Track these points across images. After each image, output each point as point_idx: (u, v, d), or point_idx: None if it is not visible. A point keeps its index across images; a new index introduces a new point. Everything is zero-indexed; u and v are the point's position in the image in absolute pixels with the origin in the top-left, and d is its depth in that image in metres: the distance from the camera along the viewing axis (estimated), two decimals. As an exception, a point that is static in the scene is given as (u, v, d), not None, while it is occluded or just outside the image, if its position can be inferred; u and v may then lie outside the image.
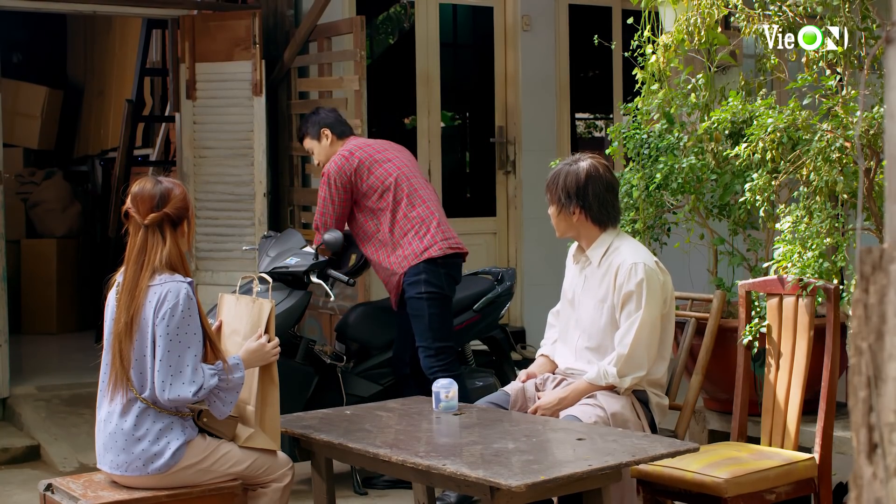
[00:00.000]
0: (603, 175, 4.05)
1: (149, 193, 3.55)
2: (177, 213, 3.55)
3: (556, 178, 4.08)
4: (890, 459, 1.19)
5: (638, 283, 3.92)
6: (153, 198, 3.54)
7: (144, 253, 3.51)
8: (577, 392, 3.97)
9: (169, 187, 3.58)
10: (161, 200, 3.54)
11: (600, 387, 3.95)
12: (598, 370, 3.96)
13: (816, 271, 4.05)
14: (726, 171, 4.79)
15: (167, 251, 3.51)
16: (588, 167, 4.04)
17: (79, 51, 11.47)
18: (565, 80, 8.23)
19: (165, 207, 3.53)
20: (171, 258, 3.52)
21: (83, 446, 5.91)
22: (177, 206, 3.55)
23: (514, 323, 7.83)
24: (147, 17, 8.99)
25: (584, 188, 4.01)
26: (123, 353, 3.47)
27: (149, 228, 3.52)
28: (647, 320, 3.91)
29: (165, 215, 3.52)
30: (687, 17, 4.79)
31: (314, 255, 5.23)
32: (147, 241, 3.52)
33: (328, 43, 6.98)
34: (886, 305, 1.21)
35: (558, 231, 4.16)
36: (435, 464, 3.22)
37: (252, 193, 7.05)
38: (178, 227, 3.57)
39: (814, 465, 3.93)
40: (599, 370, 3.95)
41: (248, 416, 3.68)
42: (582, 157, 4.11)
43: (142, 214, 3.53)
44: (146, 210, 3.53)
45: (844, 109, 4.29)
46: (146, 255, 3.51)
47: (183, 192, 3.61)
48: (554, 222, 4.13)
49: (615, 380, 3.93)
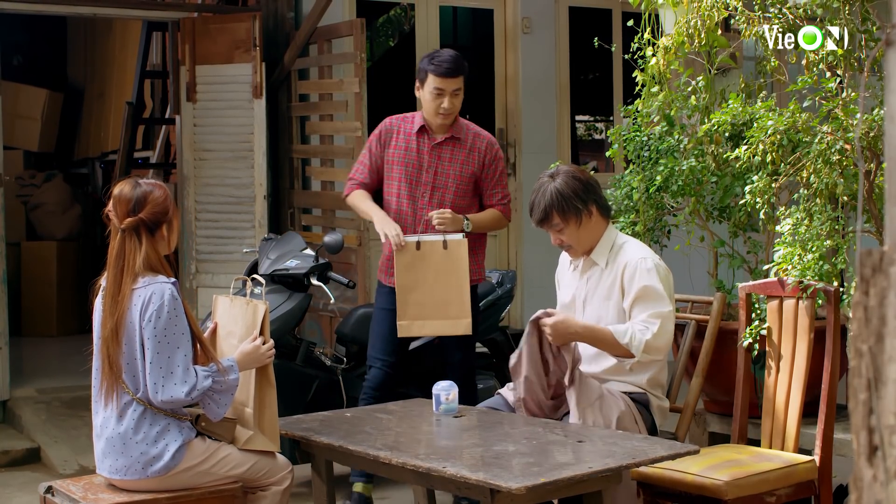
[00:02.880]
0: (584, 171, 4.17)
1: (126, 197, 3.52)
2: (153, 218, 3.52)
3: (556, 196, 3.99)
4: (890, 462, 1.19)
5: (652, 277, 3.91)
6: (129, 201, 3.52)
7: (123, 257, 3.50)
8: (595, 335, 3.89)
9: (147, 191, 3.55)
10: (137, 205, 3.51)
11: (619, 344, 3.85)
12: (627, 327, 3.87)
13: (817, 273, 4.05)
14: (726, 174, 4.79)
15: (143, 256, 3.49)
16: (570, 169, 4.11)
17: (79, 53, 11.48)
18: (565, 83, 8.23)
19: (141, 212, 3.51)
20: (150, 262, 3.50)
21: (83, 449, 5.91)
22: (153, 210, 3.52)
23: (515, 325, 7.82)
24: (147, 20, 8.99)
25: (587, 184, 4.05)
26: (112, 358, 3.46)
27: (125, 232, 3.51)
28: (670, 312, 3.91)
29: (140, 220, 3.50)
30: (687, 20, 4.79)
31: (314, 257, 5.23)
32: (125, 246, 3.51)
33: (328, 45, 6.99)
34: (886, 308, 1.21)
35: (581, 248, 4.06)
36: (435, 466, 3.22)
37: (252, 196, 7.05)
38: (155, 232, 3.54)
39: (814, 468, 3.93)
40: (629, 328, 3.86)
41: (246, 418, 3.68)
42: (553, 170, 4.12)
43: (119, 218, 3.52)
44: (123, 214, 3.51)
45: (844, 112, 4.29)
46: (124, 259, 3.50)
47: (163, 196, 3.57)
48: (575, 240, 4.04)
49: (637, 348, 3.85)
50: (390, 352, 4.91)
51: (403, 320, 4.71)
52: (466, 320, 4.72)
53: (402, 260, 4.66)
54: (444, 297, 4.69)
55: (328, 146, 7.08)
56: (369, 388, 4.90)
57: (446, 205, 4.84)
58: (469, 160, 4.90)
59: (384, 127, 4.95)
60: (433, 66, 4.79)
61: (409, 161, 4.88)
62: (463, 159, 4.89)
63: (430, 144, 4.88)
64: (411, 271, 4.67)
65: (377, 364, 4.92)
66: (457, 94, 4.82)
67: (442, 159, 4.87)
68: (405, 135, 4.90)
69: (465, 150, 4.90)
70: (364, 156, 4.99)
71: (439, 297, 4.69)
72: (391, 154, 4.90)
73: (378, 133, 4.95)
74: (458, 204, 4.87)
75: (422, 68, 4.85)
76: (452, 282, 4.69)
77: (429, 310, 4.69)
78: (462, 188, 4.89)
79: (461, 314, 4.71)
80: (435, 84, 4.78)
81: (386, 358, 4.91)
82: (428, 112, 4.85)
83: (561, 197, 3.99)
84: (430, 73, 4.79)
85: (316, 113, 7.20)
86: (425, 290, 4.68)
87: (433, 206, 4.82)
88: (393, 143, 4.91)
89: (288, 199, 7.35)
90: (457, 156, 4.89)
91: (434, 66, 4.79)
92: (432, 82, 4.79)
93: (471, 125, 5.02)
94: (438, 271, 4.68)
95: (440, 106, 4.79)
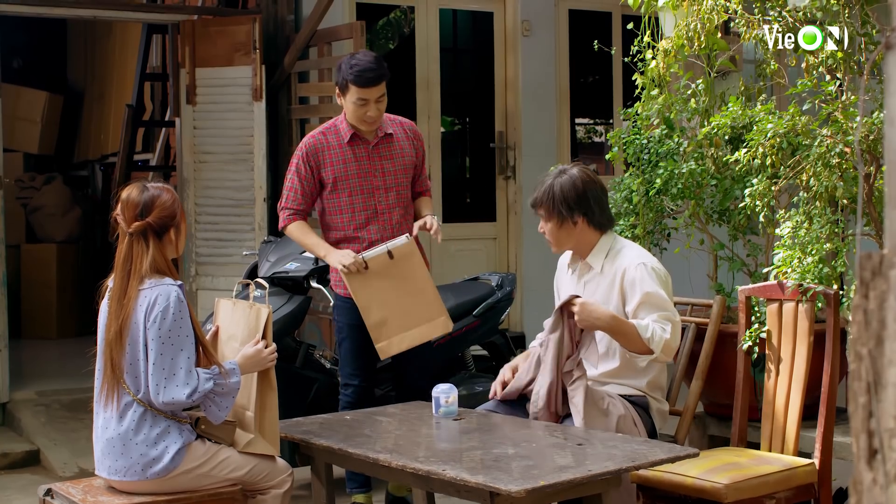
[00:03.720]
0: (595, 180, 4.06)
1: (134, 201, 3.54)
2: (160, 223, 3.53)
3: (549, 192, 4.01)
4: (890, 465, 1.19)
5: (654, 282, 3.89)
6: (137, 205, 3.53)
7: (130, 261, 3.51)
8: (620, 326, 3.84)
9: (155, 195, 3.56)
10: (144, 209, 3.53)
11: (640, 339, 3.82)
12: (649, 323, 3.83)
13: (816, 277, 4.05)
14: (726, 177, 4.79)
15: (150, 260, 3.50)
16: (580, 174, 4.03)
17: (79, 56, 11.48)
18: (565, 86, 8.23)
19: (149, 216, 3.52)
20: (157, 266, 3.51)
21: (83, 451, 5.91)
22: (161, 214, 3.54)
23: (514, 328, 7.83)
24: (147, 22, 9.00)
25: (583, 195, 4.00)
26: (115, 360, 3.47)
27: (133, 236, 3.52)
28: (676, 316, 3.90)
29: (148, 224, 3.51)
30: (687, 23, 4.80)
31: (314, 260, 5.23)
32: (132, 249, 3.52)
33: (328, 48, 6.99)
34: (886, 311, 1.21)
35: (557, 246, 4.08)
36: (435, 469, 3.22)
37: (252, 198, 7.05)
38: (163, 236, 3.55)
39: (814, 471, 3.92)
40: (651, 325, 3.82)
41: (247, 421, 3.68)
42: (567, 167, 4.09)
43: (127, 222, 3.53)
44: (130, 218, 3.53)
45: (844, 115, 4.29)
46: (131, 262, 3.51)
47: (171, 200, 3.58)
48: (553, 238, 4.06)
49: (658, 344, 3.82)
50: (364, 367, 4.81)
51: (381, 342, 4.50)
52: (443, 317, 4.57)
53: (353, 282, 4.46)
54: (412, 304, 4.51)
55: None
56: (349, 403, 4.78)
57: (403, 200, 4.74)
58: (407, 150, 4.80)
59: (307, 148, 4.68)
60: (352, 75, 4.56)
61: (352, 173, 4.68)
62: (401, 151, 4.79)
63: (367, 149, 4.71)
64: (368, 290, 4.47)
65: (354, 381, 4.81)
66: (381, 101, 4.62)
67: (384, 158, 4.74)
68: (336, 149, 4.69)
69: (399, 141, 4.79)
70: (292, 181, 4.70)
71: (407, 306, 4.50)
72: (329, 173, 4.67)
73: (303, 155, 4.67)
74: (408, 196, 4.80)
75: (342, 77, 4.60)
76: (414, 285, 4.52)
77: (402, 322, 4.51)
78: (409, 178, 4.80)
79: (436, 313, 4.56)
80: (358, 94, 4.57)
81: (361, 374, 4.81)
82: (353, 120, 4.66)
83: (552, 196, 4.00)
84: (351, 83, 4.56)
85: (316, 116, 7.20)
86: (390, 305, 4.48)
87: (394, 207, 4.72)
88: (327, 162, 4.66)
89: (288, 202, 7.34)
90: (395, 150, 4.77)
91: (354, 76, 4.55)
92: (355, 93, 4.57)
93: (389, 116, 4.83)
94: (395, 281, 4.48)
95: (365, 114, 4.60)
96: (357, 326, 4.68)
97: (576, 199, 3.99)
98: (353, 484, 4.83)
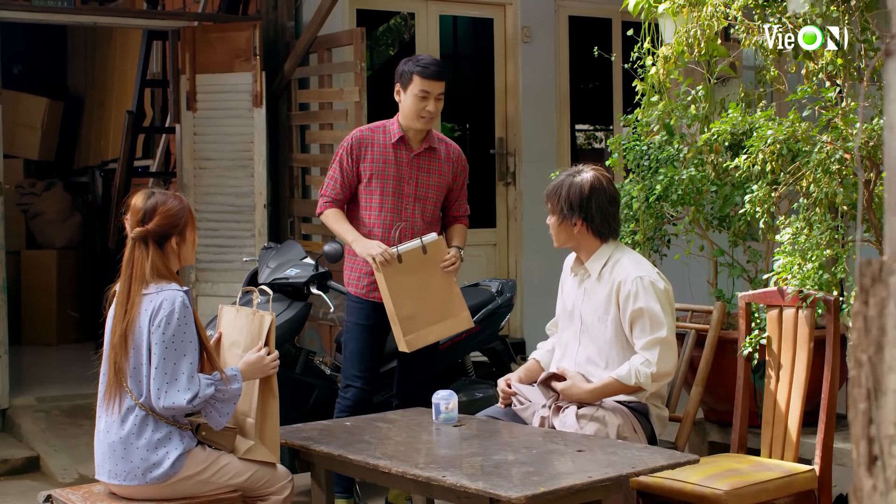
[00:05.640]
0: (606, 188, 4.06)
1: (138, 207, 3.58)
2: (161, 230, 3.55)
3: (558, 188, 4.07)
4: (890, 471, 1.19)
5: (649, 297, 3.90)
6: (139, 212, 3.56)
7: (132, 265, 3.53)
8: (604, 391, 3.93)
9: (160, 201, 3.58)
10: (146, 215, 3.55)
11: (628, 386, 3.89)
12: (629, 369, 3.88)
13: (816, 283, 4.05)
14: (726, 183, 4.80)
15: (150, 265, 3.52)
16: (592, 179, 4.04)
17: (79, 62, 11.49)
18: (565, 92, 8.24)
19: (149, 223, 3.54)
20: (158, 271, 3.52)
21: (83, 457, 5.91)
22: (161, 222, 3.55)
23: (514, 334, 7.83)
24: (147, 29, 9.00)
25: (587, 200, 4.01)
26: (119, 364, 3.48)
27: (135, 242, 3.55)
28: (669, 334, 3.91)
29: (147, 231, 3.53)
30: (687, 29, 4.80)
31: (314, 266, 5.23)
32: (134, 254, 3.54)
33: (328, 54, 7.00)
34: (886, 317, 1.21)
35: (557, 241, 4.14)
36: (435, 475, 3.22)
37: (252, 204, 7.05)
38: (164, 243, 3.56)
39: (814, 477, 3.92)
40: (631, 369, 3.88)
41: (247, 428, 3.68)
42: (585, 169, 4.11)
43: (130, 227, 3.57)
44: (134, 223, 3.56)
45: (844, 121, 4.30)
46: (133, 267, 3.53)
47: (177, 207, 3.59)
48: (553, 232, 4.12)
49: (647, 383, 3.88)
50: (368, 370, 4.84)
51: (409, 335, 4.58)
52: (466, 313, 4.69)
53: (388, 274, 4.54)
54: (440, 299, 4.64)
55: (328, 155, 7.07)
56: (347, 406, 4.80)
57: (427, 215, 4.80)
58: (445, 170, 4.85)
59: (354, 140, 4.77)
60: (419, 67, 4.69)
61: (389, 174, 4.74)
62: (440, 169, 4.84)
63: (409, 156, 4.77)
64: (401, 284, 4.56)
65: (356, 383, 4.82)
66: (440, 99, 4.74)
67: (422, 170, 4.79)
68: (381, 147, 4.76)
69: (440, 160, 4.84)
70: (334, 171, 4.79)
71: (435, 301, 4.63)
72: (367, 168, 4.74)
73: (348, 147, 4.77)
74: (435, 214, 4.86)
75: (405, 71, 4.71)
76: (441, 281, 4.64)
77: (429, 316, 4.62)
78: (440, 198, 4.85)
79: (459, 309, 4.68)
80: (421, 86, 4.67)
81: (364, 377, 4.83)
82: (409, 116, 4.73)
83: (559, 192, 4.05)
84: (416, 74, 4.68)
85: (316, 122, 7.21)
86: (420, 298, 4.59)
87: (418, 218, 4.76)
88: (368, 157, 4.74)
89: (288, 208, 7.35)
90: (434, 166, 4.83)
91: (420, 69, 4.69)
92: (418, 84, 4.67)
93: (437, 134, 4.96)
94: (426, 276, 4.61)
95: (424, 109, 4.69)
96: (367, 327, 4.76)
97: (579, 202, 4.00)
98: (336, 488, 4.84)
